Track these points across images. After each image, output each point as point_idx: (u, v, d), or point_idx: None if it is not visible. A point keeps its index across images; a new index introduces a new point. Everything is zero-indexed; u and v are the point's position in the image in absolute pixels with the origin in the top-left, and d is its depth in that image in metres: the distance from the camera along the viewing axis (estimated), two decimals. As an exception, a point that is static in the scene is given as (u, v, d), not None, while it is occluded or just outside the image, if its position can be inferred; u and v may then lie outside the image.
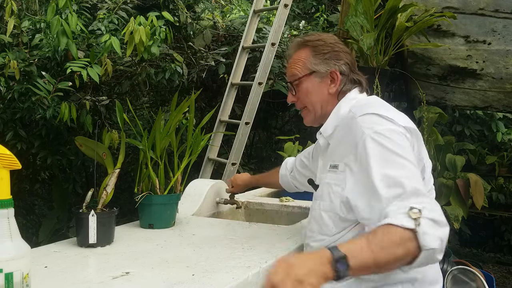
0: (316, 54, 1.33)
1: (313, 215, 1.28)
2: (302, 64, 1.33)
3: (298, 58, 1.35)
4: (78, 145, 1.53)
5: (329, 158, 1.27)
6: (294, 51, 1.37)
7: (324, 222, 1.23)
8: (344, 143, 1.22)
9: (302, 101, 1.35)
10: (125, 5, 3.76)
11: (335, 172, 1.22)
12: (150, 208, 1.58)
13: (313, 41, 1.34)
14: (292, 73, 1.35)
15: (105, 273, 1.14)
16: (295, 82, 1.34)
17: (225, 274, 1.14)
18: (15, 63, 3.04)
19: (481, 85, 3.56)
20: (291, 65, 1.36)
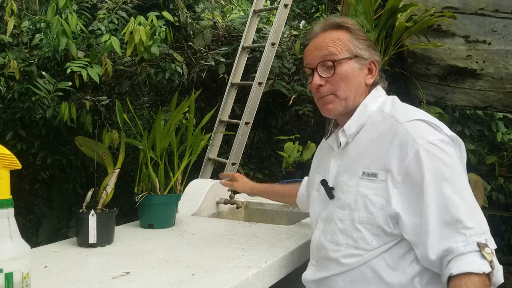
0: (358, 38, 1.19)
1: (340, 227, 1.14)
2: (343, 44, 1.17)
3: (338, 37, 1.18)
4: (78, 145, 1.53)
5: (357, 162, 1.14)
6: (328, 30, 1.20)
7: (361, 235, 1.11)
8: (383, 149, 1.10)
9: (334, 86, 1.17)
10: (125, 5, 3.76)
11: (373, 181, 1.10)
12: (150, 208, 1.58)
13: (351, 25, 1.20)
14: (329, 52, 1.17)
15: (105, 273, 1.14)
16: (329, 63, 1.16)
17: (225, 274, 1.14)
18: (15, 63, 3.04)
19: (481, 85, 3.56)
20: (328, 43, 1.17)
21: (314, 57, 1.19)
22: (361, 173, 1.12)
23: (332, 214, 1.17)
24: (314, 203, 1.29)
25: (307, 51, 1.22)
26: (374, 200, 1.09)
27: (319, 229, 1.22)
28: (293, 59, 4.21)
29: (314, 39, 1.22)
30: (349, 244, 1.13)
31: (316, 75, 1.18)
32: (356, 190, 1.12)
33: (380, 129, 1.14)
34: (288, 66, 4.16)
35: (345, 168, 1.17)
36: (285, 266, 1.31)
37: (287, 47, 4.29)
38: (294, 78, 4.08)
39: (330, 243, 1.16)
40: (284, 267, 1.31)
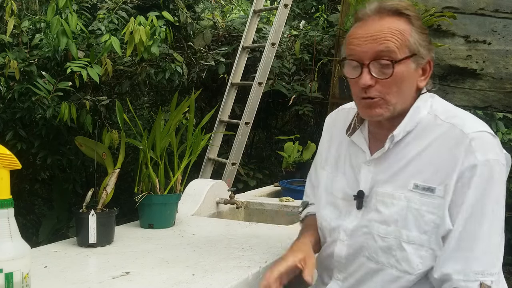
0: (419, 32, 0.98)
1: (382, 245, 1.01)
2: (404, 39, 0.96)
3: (398, 29, 0.96)
4: (78, 145, 1.53)
5: (405, 172, 1.00)
6: (386, 16, 0.98)
7: (406, 256, 0.98)
8: (442, 161, 0.97)
9: (386, 89, 0.97)
10: (125, 5, 3.76)
11: (428, 197, 0.97)
12: (150, 208, 1.57)
13: (412, 13, 0.99)
14: (387, 48, 0.95)
15: (105, 273, 1.14)
16: (385, 62, 0.95)
17: (225, 274, 1.14)
18: (15, 63, 3.04)
19: (481, 85, 3.55)
20: (387, 35, 0.95)
21: (368, 50, 0.96)
22: (412, 185, 0.98)
23: (370, 229, 1.02)
24: (325, 208, 1.14)
25: (355, 38, 0.99)
26: (427, 218, 0.96)
27: (342, 242, 1.07)
28: (293, 59, 4.21)
29: (365, 24, 0.99)
30: (391, 264, 1.00)
31: (366, 73, 0.97)
32: (405, 205, 0.98)
33: (434, 136, 1.00)
34: (288, 66, 4.16)
35: (388, 178, 1.02)
36: (285, 266, 1.31)
37: (287, 47, 4.29)
38: (294, 78, 4.08)
39: (369, 260, 1.03)
40: (284, 267, 1.31)
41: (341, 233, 1.08)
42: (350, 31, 1.03)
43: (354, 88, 1.02)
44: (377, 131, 1.07)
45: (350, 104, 1.18)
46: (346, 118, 1.16)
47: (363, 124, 1.11)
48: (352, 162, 1.10)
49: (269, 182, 3.32)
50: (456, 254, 0.95)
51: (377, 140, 1.07)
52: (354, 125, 1.11)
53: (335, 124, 1.20)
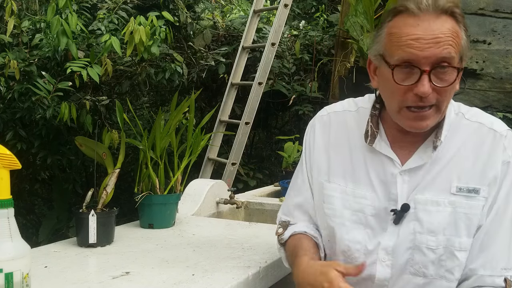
0: (465, 32, 0.90)
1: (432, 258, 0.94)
2: (459, 43, 0.87)
3: (456, 31, 0.87)
4: (78, 145, 1.53)
5: (444, 175, 0.95)
6: (442, 14, 0.86)
7: (457, 264, 0.94)
8: (480, 160, 0.94)
9: (442, 97, 0.88)
10: (125, 5, 3.76)
11: (473, 199, 0.93)
12: (150, 208, 1.58)
13: (460, 12, 0.89)
14: (450, 53, 0.85)
15: (105, 273, 1.14)
16: (448, 69, 0.86)
17: (225, 274, 1.14)
18: (15, 63, 3.04)
19: (481, 85, 3.56)
20: (446, 38, 0.85)
21: (430, 55, 0.84)
22: (455, 188, 0.93)
23: (416, 242, 0.94)
24: (354, 229, 0.99)
25: (415, 40, 0.85)
26: (475, 221, 0.92)
27: (383, 263, 0.97)
28: (293, 59, 4.21)
29: (421, 20, 0.85)
30: (441, 275, 0.94)
31: (426, 80, 0.85)
32: (452, 210, 0.93)
33: (465, 136, 0.96)
34: (288, 66, 4.16)
35: (426, 185, 0.95)
36: (285, 266, 1.31)
37: (287, 47, 4.29)
38: (294, 78, 4.09)
39: (415, 275, 0.95)
40: (284, 267, 1.31)
41: (381, 253, 0.97)
42: (397, 25, 0.88)
43: (401, 96, 0.89)
44: (400, 135, 0.97)
45: (340, 106, 1.09)
46: (345, 122, 1.05)
47: (379, 129, 1.00)
48: (378, 173, 0.98)
49: (269, 182, 3.32)
50: (483, 250, 0.94)
51: (402, 147, 0.97)
52: (372, 131, 0.99)
53: (330, 129, 1.07)
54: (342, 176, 1.02)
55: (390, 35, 0.89)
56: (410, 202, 0.95)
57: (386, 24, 0.91)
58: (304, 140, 1.12)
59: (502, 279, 0.93)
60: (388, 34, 0.89)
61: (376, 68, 0.95)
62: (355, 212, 0.99)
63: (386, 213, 0.96)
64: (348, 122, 1.05)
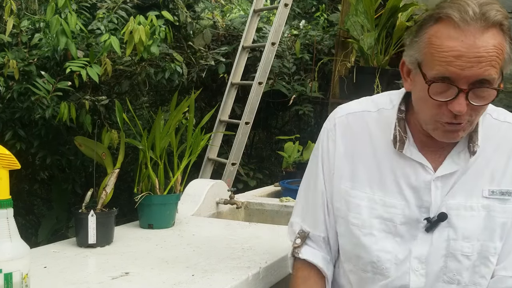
0: (511, 49, 0.84)
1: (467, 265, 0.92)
2: (502, 59, 0.82)
3: (501, 47, 0.81)
4: (78, 145, 1.53)
5: (475, 178, 0.92)
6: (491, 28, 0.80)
7: (490, 270, 0.93)
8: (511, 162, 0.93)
9: (476, 112, 0.85)
10: (125, 5, 3.76)
11: (507, 201, 0.91)
12: (149, 208, 1.57)
13: (509, 24, 0.82)
14: (491, 74, 0.80)
15: (104, 273, 1.14)
16: (487, 91, 0.82)
17: (225, 274, 1.14)
18: (14, 62, 3.04)
19: (482, 85, 3.57)
20: (492, 57, 0.79)
21: (471, 75, 0.80)
22: (487, 192, 0.91)
23: (451, 249, 0.91)
24: (384, 238, 0.95)
25: (457, 57, 0.79)
26: (509, 224, 0.91)
27: (417, 272, 0.94)
28: (293, 58, 4.21)
29: (465, 33, 0.79)
30: (475, 282, 0.93)
31: (463, 98, 0.81)
32: (486, 214, 0.90)
33: (497, 139, 0.93)
34: (288, 65, 4.16)
35: (457, 189, 0.92)
36: (285, 266, 1.31)
37: (287, 47, 4.29)
38: (294, 78, 4.09)
39: (449, 283, 0.93)
40: (285, 268, 1.31)
41: (414, 262, 0.94)
42: (439, 35, 0.81)
43: (435, 109, 0.85)
44: (430, 141, 0.93)
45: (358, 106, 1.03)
46: (366, 125, 1.00)
47: (407, 133, 0.95)
48: (409, 180, 0.94)
49: (269, 182, 3.32)
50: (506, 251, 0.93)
51: (432, 152, 0.94)
52: (401, 136, 0.94)
53: (351, 132, 1.00)
54: (368, 184, 0.97)
55: (431, 45, 0.83)
56: (443, 209, 0.92)
57: (427, 29, 0.84)
58: (321, 144, 1.04)
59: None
60: (429, 43, 0.83)
61: (410, 72, 0.90)
62: (384, 221, 0.95)
63: (417, 221, 0.93)
64: (369, 125, 0.99)
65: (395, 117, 0.96)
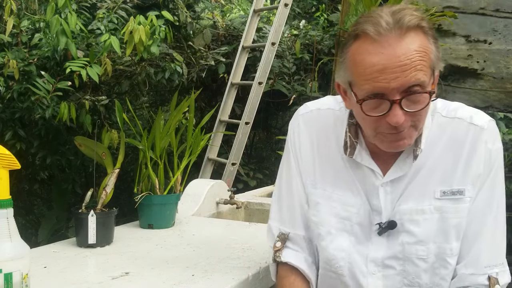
0: (435, 43, 0.83)
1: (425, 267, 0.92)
2: (428, 60, 0.80)
3: (425, 50, 0.80)
4: (78, 145, 1.53)
5: (427, 181, 0.91)
6: (408, 32, 0.79)
7: (450, 271, 0.93)
8: (462, 158, 0.90)
9: (417, 117, 0.84)
10: (125, 5, 3.76)
11: (459, 201, 0.89)
12: (149, 208, 1.58)
13: (426, 21, 0.82)
14: (419, 80, 0.79)
15: (104, 273, 1.14)
16: (419, 96, 0.81)
17: (225, 274, 1.14)
18: (14, 62, 3.04)
19: (482, 84, 3.56)
20: (416, 62, 0.78)
21: (398, 86, 0.79)
22: (439, 193, 0.90)
23: (407, 253, 0.91)
24: (339, 236, 0.96)
25: (378, 71, 0.79)
26: (463, 224, 0.90)
27: (374, 275, 0.94)
28: (293, 58, 4.21)
29: (383, 45, 0.79)
30: (436, 283, 0.93)
31: (398, 109, 0.80)
32: (439, 216, 0.89)
33: (445, 137, 0.92)
34: (288, 65, 4.16)
35: (408, 193, 0.91)
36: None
37: (287, 47, 4.29)
38: (294, 78, 4.09)
39: (410, 286, 0.93)
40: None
41: (370, 266, 0.94)
42: (360, 51, 0.81)
43: (374, 123, 0.85)
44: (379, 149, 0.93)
45: (323, 103, 1.02)
46: (329, 122, 0.99)
47: (359, 139, 0.95)
48: (361, 183, 0.95)
49: (269, 182, 3.32)
50: (465, 249, 0.92)
51: (381, 158, 0.93)
52: (351, 142, 0.94)
53: (315, 128, 1.00)
54: (328, 182, 0.98)
55: (354, 63, 0.82)
56: (396, 214, 0.91)
57: (349, 48, 0.84)
58: (289, 140, 1.04)
59: (486, 277, 0.91)
60: (353, 62, 0.83)
61: (346, 91, 0.89)
62: (341, 220, 0.96)
63: (370, 224, 0.94)
64: (331, 122, 0.99)
65: (346, 123, 0.96)
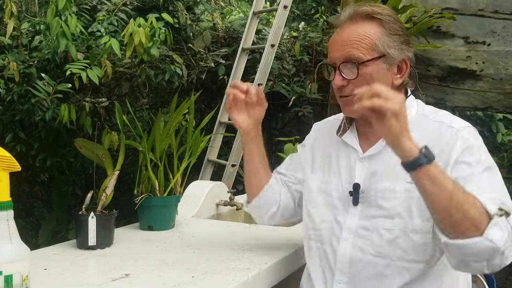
0: (390, 34, 1.05)
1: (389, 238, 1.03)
2: (371, 43, 1.04)
3: (366, 33, 1.05)
4: (78, 147, 1.53)
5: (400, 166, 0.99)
6: (357, 21, 1.06)
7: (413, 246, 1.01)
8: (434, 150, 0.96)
9: (357, 87, 1.00)
10: (125, 7, 3.77)
11: None
12: (149, 210, 1.58)
13: (384, 15, 1.06)
14: (353, 53, 1.04)
15: (104, 275, 1.14)
16: (351, 63, 1.05)
17: (225, 275, 1.14)
18: (15, 65, 3.05)
19: (480, 86, 3.56)
20: (352, 41, 1.05)
21: (338, 55, 1.07)
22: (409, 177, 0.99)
23: (374, 225, 1.05)
24: (318, 210, 1.15)
25: (331, 44, 1.10)
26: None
27: (346, 241, 1.08)
28: (292, 60, 4.22)
29: (340, 29, 1.08)
30: (398, 256, 1.02)
31: (337, 74, 1.07)
32: (406, 196, 1.02)
33: (424, 132, 1.04)
34: (288, 67, 4.17)
35: (384, 174, 1.06)
36: (284, 268, 1.31)
37: (286, 49, 4.30)
38: (293, 80, 4.09)
39: (374, 256, 1.04)
40: (284, 269, 1.31)
41: (344, 232, 1.09)
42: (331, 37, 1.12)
43: (334, 89, 1.11)
44: (367, 129, 1.12)
45: (333, 116, 1.30)
46: (331, 127, 1.25)
47: (352, 125, 1.18)
48: (345, 161, 1.15)
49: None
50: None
51: (368, 139, 1.12)
52: (344, 126, 1.18)
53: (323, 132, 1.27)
54: (321, 169, 1.20)
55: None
56: (371, 190, 1.07)
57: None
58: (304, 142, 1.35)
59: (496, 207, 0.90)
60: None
61: None
62: (325, 196, 1.15)
63: (349, 195, 1.10)
64: (333, 126, 1.23)
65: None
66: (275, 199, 1.30)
